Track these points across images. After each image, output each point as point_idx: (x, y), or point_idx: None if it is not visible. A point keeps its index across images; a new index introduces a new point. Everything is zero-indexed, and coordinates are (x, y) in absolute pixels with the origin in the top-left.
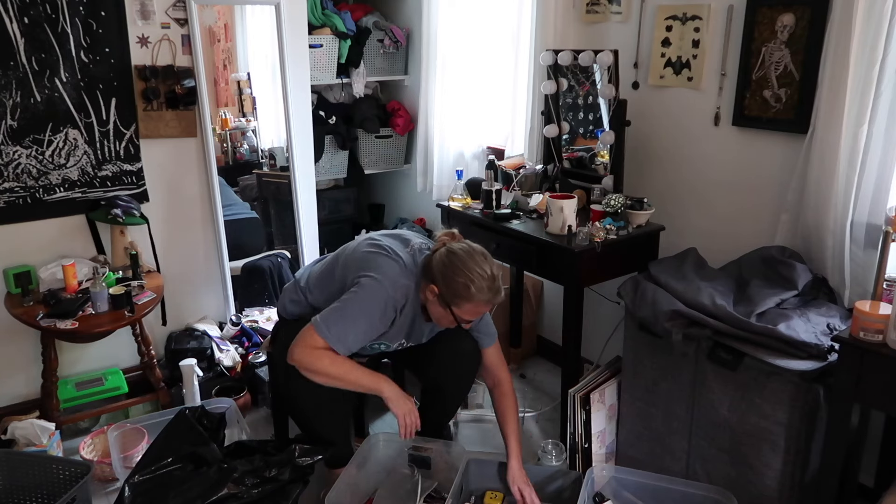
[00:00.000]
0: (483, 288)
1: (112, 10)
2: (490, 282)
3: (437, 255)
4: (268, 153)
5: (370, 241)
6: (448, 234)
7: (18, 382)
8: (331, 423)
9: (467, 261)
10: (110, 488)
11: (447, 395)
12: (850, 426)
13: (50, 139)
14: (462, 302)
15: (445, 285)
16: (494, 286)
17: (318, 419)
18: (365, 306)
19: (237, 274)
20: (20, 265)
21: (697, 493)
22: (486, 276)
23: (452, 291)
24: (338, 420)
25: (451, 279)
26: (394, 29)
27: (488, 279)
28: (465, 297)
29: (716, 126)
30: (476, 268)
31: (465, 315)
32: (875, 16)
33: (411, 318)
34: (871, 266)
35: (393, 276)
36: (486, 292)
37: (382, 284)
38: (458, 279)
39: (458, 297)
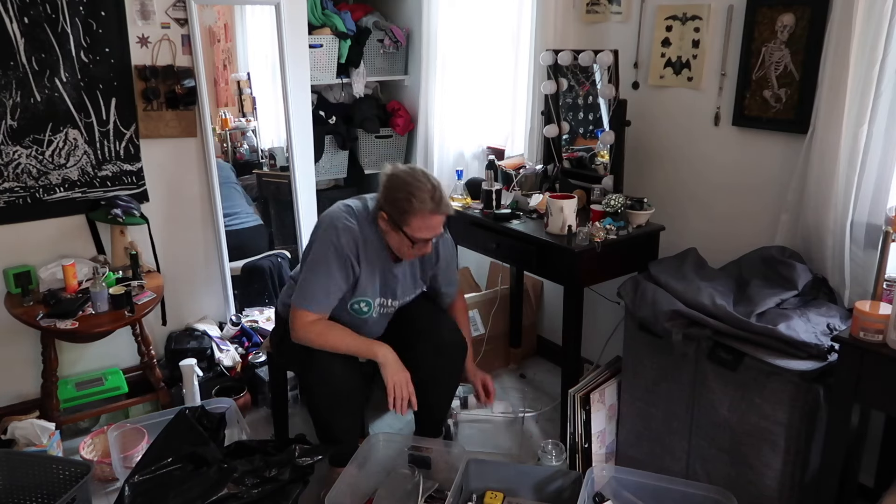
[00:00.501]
0: (425, 199)
1: (112, 10)
2: (431, 192)
3: (380, 184)
4: (268, 153)
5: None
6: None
7: (18, 382)
8: (344, 417)
9: (406, 177)
10: (110, 488)
11: (434, 390)
12: (850, 426)
13: (50, 139)
14: (409, 217)
15: (391, 206)
16: (437, 195)
17: (332, 413)
18: (319, 261)
19: (237, 274)
20: (20, 265)
21: (697, 493)
22: (427, 187)
23: (398, 209)
24: (351, 415)
25: (394, 198)
26: (394, 29)
27: (429, 190)
28: (410, 210)
29: (716, 126)
30: (415, 182)
31: (417, 233)
32: (875, 16)
33: (378, 264)
34: (871, 266)
35: (336, 225)
36: (429, 202)
37: (328, 235)
38: (399, 195)
39: (405, 212)
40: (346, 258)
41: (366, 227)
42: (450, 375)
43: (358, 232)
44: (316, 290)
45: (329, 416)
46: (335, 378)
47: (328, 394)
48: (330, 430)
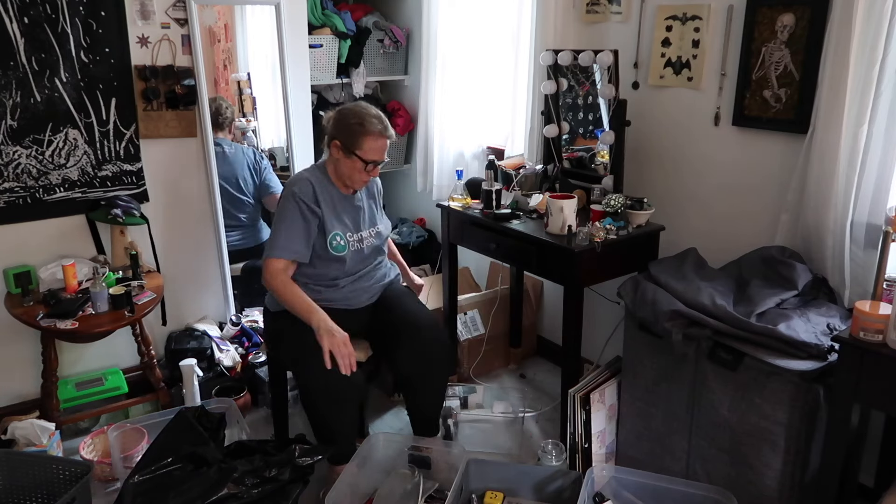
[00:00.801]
0: (374, 122)
1: (112, 10)
2: (378, 117)
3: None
4: (268, 153)
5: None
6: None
7: (18, 382)
8: (341, 417)
9: (354, 108)
10: (110, 488)
11: (421, 390)
12: (850, 426)
13: (50, 139)
14: (360, 140)
15: (344, 133)
16: (383, 121)
17: (328, 412)
18: (281, 215)
19: (237, 274)
20: (20, 265)
21: (697, 493)
22: (373, 114)
23: (349, 134)
24: (348, 414)
25: (344, 126)
26: (394, 29)
27: (376, 115)
28: (361, 132)
29: (716, 126)
30: (363, 110)
31: (368, 154)
32: (875, 16)
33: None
34: (871, 266)
35: (291, 183)
36: (377, 124)
37: (285, 193)
38: (350, 121)
39: (355, 135)
40: (303, 203)
41: (319, 175)
42: (436, 374)
43: (310, 179)
44: (279, 238)
45: (326, 415)
46: (331, 377)
47: (324, 393)
48: (327, 429)
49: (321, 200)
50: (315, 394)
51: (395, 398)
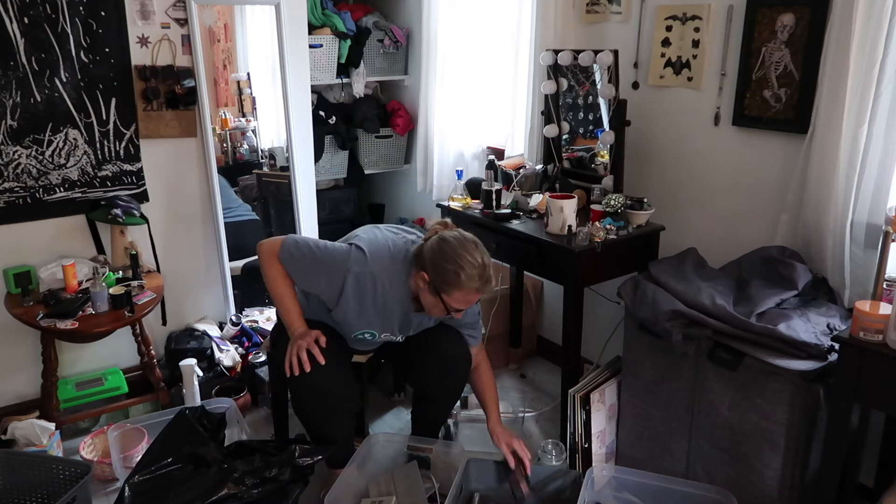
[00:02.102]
0: (473, 276)
1: (112, 10)
2: (480, 270)
3: (428, 243)
4: (268, 153)
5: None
6: (441, 224)
7: (18, 382)
8: (334, 421)
9: (458, 248)
10: (110, 488)
11: (437, 400)
12: (850, 426)
13: (50, 139)
14: (452, 289)
15: (435, 272)
16: (485, 275)
17: (321, 417)
18: (326, 262)
19: (237, 274)
20: (20, 265)
21: (697, 493)
22: (477, 264)
23: (442, 279)
24: (342, 422)
25: (441, 266)
26: (394, 29)
27: (479, 267)
28: (455, 284)
29: (716, 126)
30: (467, 255)
31: (454, 303)
32: (875, 16)
33: (393, 310)
34: (871, 266)
35: (374, 261)
36: (476, 280)
37: (358, 258)
38: (448, 266)
39: (448, 284)
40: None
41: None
42: (453, 390)
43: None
44: (300, 262)
45: (319, 425)
46: (323, 385)
47: (316, 403)
48: (323, 436)
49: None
50: (306, 406)
51: (396, 398)
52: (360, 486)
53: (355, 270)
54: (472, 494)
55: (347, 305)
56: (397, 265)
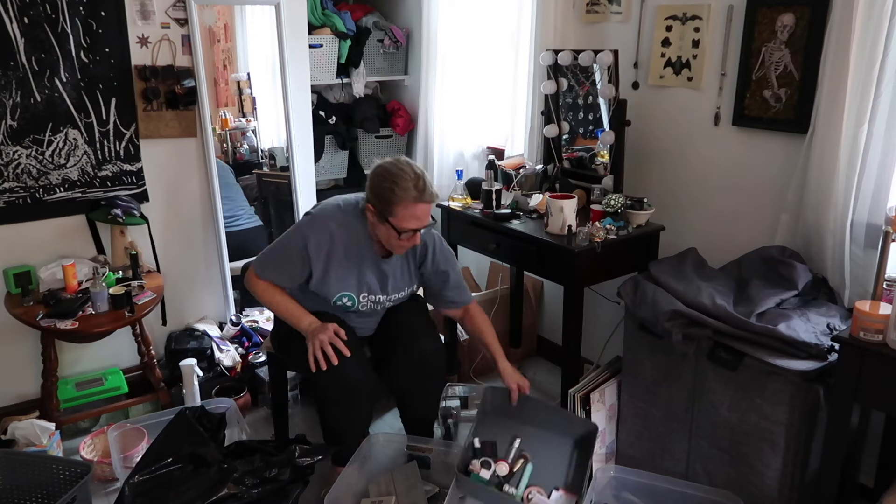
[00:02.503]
0: (408, 187)
1: (112, 10)
2: (414, 180)
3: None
4: (268, 153)
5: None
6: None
7: (18, 382)
8: (355, 420)
9: (389, 168)
10: (110, 488)
11: (412, 400)
12: (850, 426)
13: (50, 139)
14: (394, 208)
15: (376, 198)
16: (420, 184)
17: (345, 410)
18: (287, 244)
19: (237, 274)
20: (20, 265)
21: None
22: (410, 176)
23: (383, 201)
24: (362, 417)
25: (379, 189)
26: (394, 29)
27: (412, 178)
28: (394, 200)
29: (716, 126)
30: (399, 171)
31: (402, 223)
32: (875, 16)
33: (364, 259)
34: (871, 266)
35: (315, 222)
36: (412, 190)
37: (308, 227)
38: (384, 185)
39: (389, 203)
40: (304, 250)
41: (353, 225)
42: (429, 384)
43: (335, 230)
44: (270, 263)
45: (341, 420)
46: (348, 384)
47: (342, 400)
48: (338, 433)
49: (336, 257)
50: (332, 401)
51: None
52: (360, 486)
53: (307, 234)
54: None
55: (317, 268)
56: (349, 215)
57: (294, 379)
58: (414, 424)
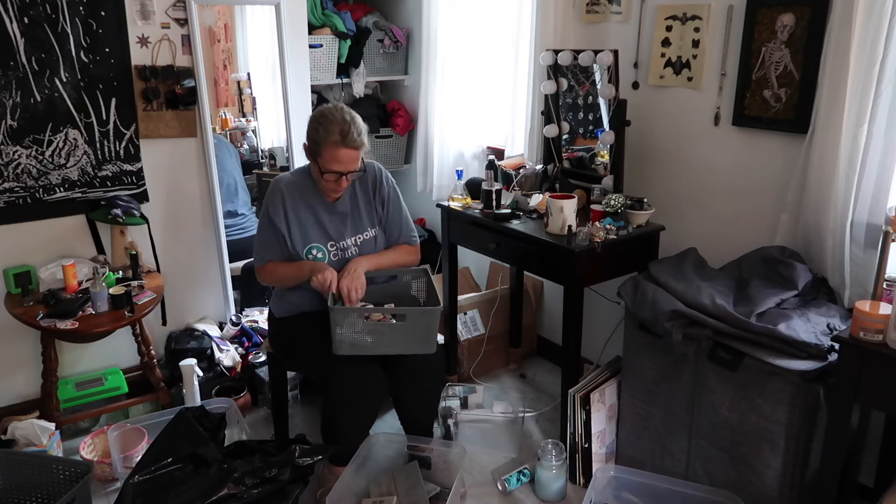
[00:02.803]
0: (333, 130)
1: (112, 10)
2: (341, 124)
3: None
4: (268, 153)
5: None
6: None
7: (18, 382)
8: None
9: (324, 111)
10: (110, 488)
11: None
12: (850, 426)
13: (50, 139)
14: (319, 148)
15: (309, 138)
16: (345, 129)
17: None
18: (260, 221)
19: (237, 274)
20: (20, 265)
21: (698, 494)
22: (338, 120)
23: (312, 140)
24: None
25: (310, 129)
26: (394, 29)
27: (339, 122)
28: (319, 140)
29: (716, 126)
30: (329, 114)
31: (326, 164)
32: (875, 16)
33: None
34: (871, 266)
35: (273, 183)
36: (335, 134)
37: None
38: (314, 126)
39: (317, 143)
40: (269, 218)
41: (301, 179)
42: (428, 384)
43: (284, 187)
44: (258, 248)
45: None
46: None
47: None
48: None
49: (292, 210)
50: (343, 401)
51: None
52: (360, 486)
53: (266, 203)
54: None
55: (283, 228)
56: (297, 173)
57: (294, 379)
58: (414, 425)
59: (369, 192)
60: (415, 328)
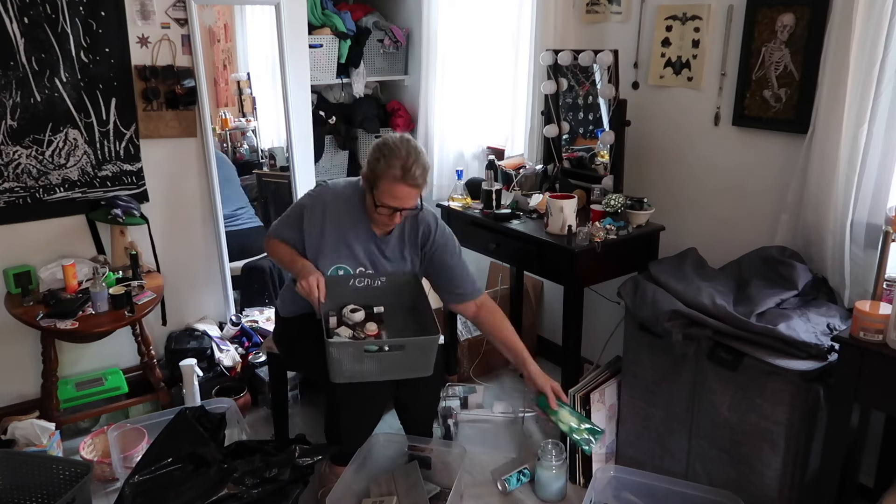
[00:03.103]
0: (395, 164)
1: (112, 10)
2: (403, 160)
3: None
4: (268, 153)
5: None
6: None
7: (18, 382)
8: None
9: (388, 142)
10: (110, 488)
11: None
12: (850, 426)
13: (50, 139)
14: (378, 181)
15: (368, 166)
16: (408, 165)
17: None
18: (291, 210)
19: (237, 274)
20: (20, 265)
21: (698, 494)
22: (402, 155)
23: (371, 171)
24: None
25: (371, 158)
26: (394, 29)
27: (402, 157)
28: (380, 173)
29: (716, 126)
30: (395, 147)
31: (382, 197)
32: (875, 16)
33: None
34: (871, 266)
35: (324, 187)
36: (398, 169)
37: (311, 190)
38: (376, 156)
39: (375, 175)
40: (302, 214)
41: (351, 198)
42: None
43: (334, 196)
44: (280, 223)
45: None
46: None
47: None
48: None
49: (332, 223)
50: (348, 403)
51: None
52: (360, 486)
53: (306, 201)
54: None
55: (309, 236)
56: (350, 189)
57: (294, 379)
58: (414, 425)
59: (417, 241)
60: (414, 356)
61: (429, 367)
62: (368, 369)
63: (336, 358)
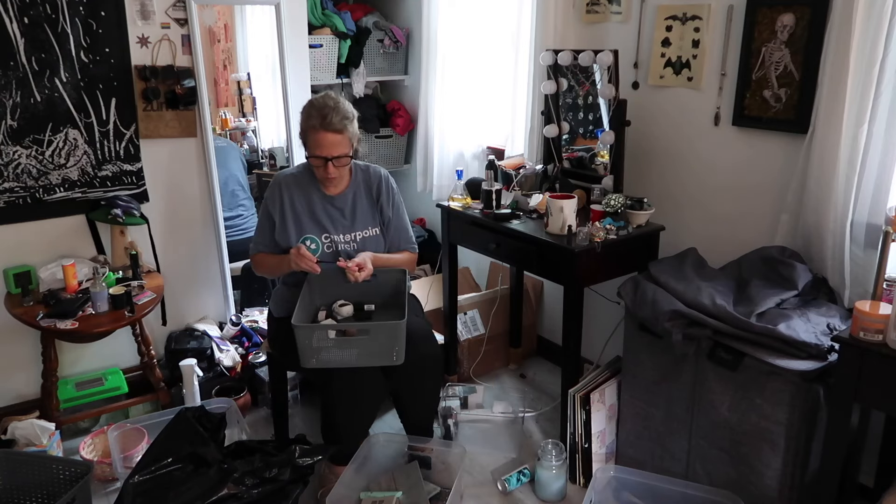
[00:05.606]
0: (314, 115)
1: (112, 10)
2: (322, 109)
3: None
4: (268, 153)
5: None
6: None
7: (18, 382)
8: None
9: (314, 99)
10: (110, 488)
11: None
12: (850, 426)
13: (50, 139)
14: (306, 136)
15: (300, 125)
16: (325, 112)
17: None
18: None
19: (237, 274)
20: (20, 265)
21: (698, 494)
22: (321, 105)
23: (301, 129)
24: (366, 418)
25: (301, 117)
26: (394, 29)
27: (321, 107)
28: (305, 129)
29: (716, 126)
30: (314, 102)
31: (310, 149)
32: (875, 16)
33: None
34: (871, 266)
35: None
36: (316, 119)
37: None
38: (302, 113)
39: (302, 131)
40: (267, 210)
41: (301, 172)
42: (428, 384)
43: (283, 180)
44: (254, 238)
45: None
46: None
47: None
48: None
49: (289, 201)
50: (341, 399)
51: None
52: (360, 486)
53: (265, 196)
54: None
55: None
56: (299, 168)
57: (294, 379)
58: (413, 425)
59: (372, 194)
60: (380, 342)
61: (400, 355)
62: (337, 357)
63: (302, 342)
